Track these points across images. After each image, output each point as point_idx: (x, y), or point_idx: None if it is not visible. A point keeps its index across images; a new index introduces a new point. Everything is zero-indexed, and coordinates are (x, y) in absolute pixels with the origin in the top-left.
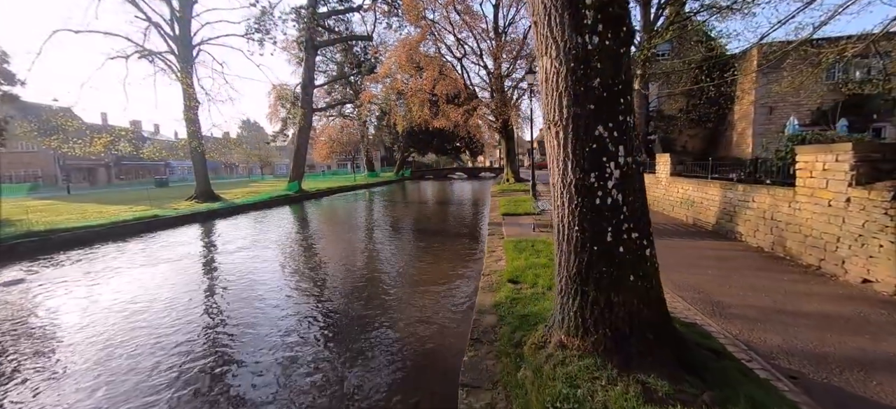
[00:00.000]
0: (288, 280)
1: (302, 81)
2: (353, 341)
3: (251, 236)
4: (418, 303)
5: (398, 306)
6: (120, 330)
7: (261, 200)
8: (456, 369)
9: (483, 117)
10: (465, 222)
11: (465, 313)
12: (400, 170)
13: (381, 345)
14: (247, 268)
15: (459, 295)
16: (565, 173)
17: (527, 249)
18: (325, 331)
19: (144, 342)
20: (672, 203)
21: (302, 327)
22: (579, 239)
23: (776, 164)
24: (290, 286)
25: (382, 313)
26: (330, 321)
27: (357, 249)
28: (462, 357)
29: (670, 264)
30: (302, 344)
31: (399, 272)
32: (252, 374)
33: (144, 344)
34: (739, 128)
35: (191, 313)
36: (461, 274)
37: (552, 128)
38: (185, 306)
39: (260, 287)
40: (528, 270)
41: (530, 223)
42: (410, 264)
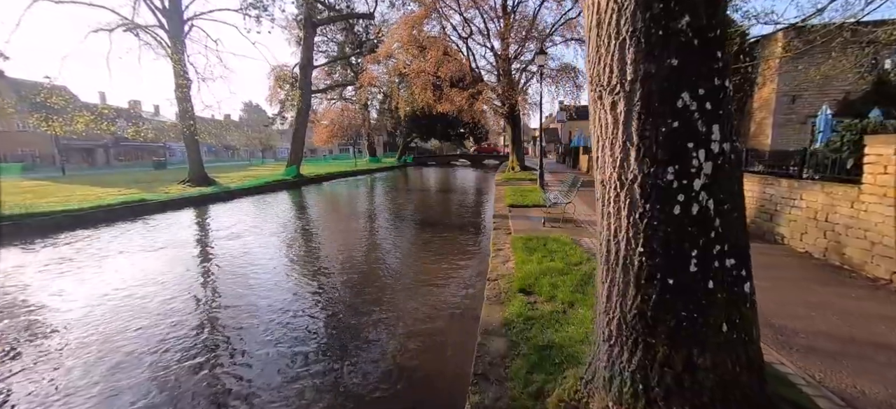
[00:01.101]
0: (268, 281)
1: (300, 61)
2: (333, 358)
3: (241, 224)
4: (414, 312)
5: (391, 317)
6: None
7: (256, 184)
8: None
9: (488, 102)
10: (468, 212)
11: (467, 324)
12: (402, 156)
13: (368, 364)
14: (228, 263)
15: (461, 302)
16: (625, 165)
17: (538, 248)
18: (298, 349)
19: (91, 358)
20: None
21: (276, 342)
22: (645, 265)
23: (829, 156)
24: (270, 289)
25: (372, 326)
26: (308, 335)
27: (351, 243)
28: (465, 393)
29: None
30: (272, 366)
31: (395, 272)
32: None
33: (91, 361)
34: (758, 118)
35: (158, 323)
36: (464, 276)
37: (605, 96)
38: (153, 310)
39: (241, 286)
40: (542, 277)
41: (540, 217)
42: (407, 261)
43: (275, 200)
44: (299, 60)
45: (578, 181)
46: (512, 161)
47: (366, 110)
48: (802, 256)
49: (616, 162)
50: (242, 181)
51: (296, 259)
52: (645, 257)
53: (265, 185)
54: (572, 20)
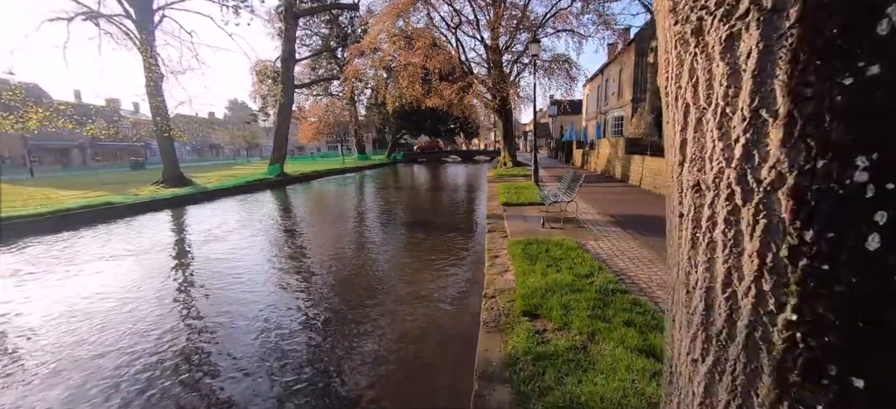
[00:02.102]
0: (229, 296)
1: (281, 54)
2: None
3: (212, 228)
4: (399, 341)
5: (370, 350)
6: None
7: (236, 184)
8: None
9: (479, 95)
10: (460, 212)
11: (461, 354)
12: (391, 153)
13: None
14: (190, 275)
15: (453, 324)
16: (756, 154)
17: (540, 255)
18: (248, 384)
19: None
20: None
21: (215, 376)
22: (802, 351)
23: None
24: (233, 307)
25: (347, 353)
26: (257, 376)
27: (331, 249)
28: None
29: None
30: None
31: (378, 284)
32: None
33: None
34: None
35: (93, 353)
36: (455, 287)
37: (711, 27)
38: (94, 341)
39: (204, 307)
40: (549, 294)
41: (537, 216)
42: (392, 270)
43: (254, 200)
44: (281, 54)
45: (581, 178)
46: (504, 157)
47: (353, 106)
48: None
49: (734, 149)
50: (221, 181)
51: (263, 270)
52: (803, 332)
53: (245, 184)
54: (564, 11)
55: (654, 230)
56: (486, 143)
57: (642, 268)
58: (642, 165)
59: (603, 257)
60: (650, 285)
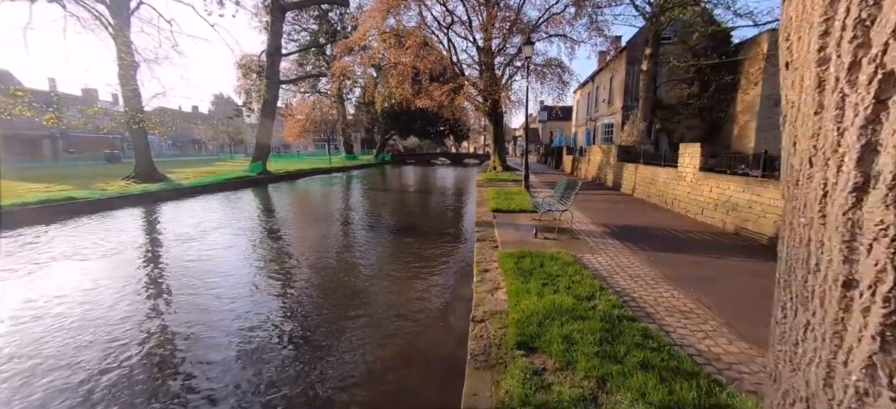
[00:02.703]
0: (184, 303)
1: (267, 47)
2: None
3: (182, 229)
4: (374, 378)
5: (347, 367)
6: None
7: (214, 181)
8: None
9: (470, 98)
10: (447, 217)
11: (446, 393)
12: (380, 153)
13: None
14: (154, 283)
15: (437, 350)
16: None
17: (534, 271)
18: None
19: None
20: (701, 205)
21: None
22: None
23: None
24: (193, 316)
25: (320, 378)
26: (227, 390)
27: (310, 254)
28: None
29: (742, 308)
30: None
31: (358, 295)
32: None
33: None
34: (741, 121)
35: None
36: (441, 302)
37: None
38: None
39: (165, 317)
40: (547, 321)
41: (529, 225)
42: (374, 279)
43: (232, 199)
44: (266, 47)
45: (576, 186)
46: (493, 161)
47: (342, 104)
48: None
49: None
50: (198, 178)
51: (231, 276)
52: None
53: (224, 182)
54: (557, 16)
55: (653, 243)
56: (476, 146)
57: (646, 289)
58: (635, 173)
59: (602, 274)
60: (658, 310)
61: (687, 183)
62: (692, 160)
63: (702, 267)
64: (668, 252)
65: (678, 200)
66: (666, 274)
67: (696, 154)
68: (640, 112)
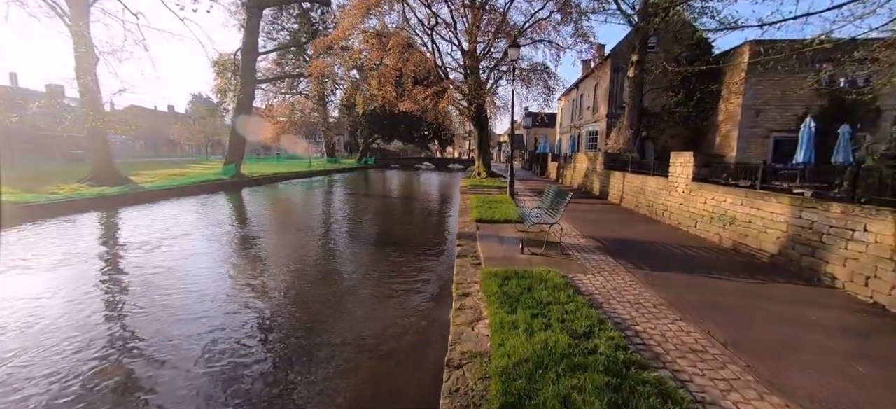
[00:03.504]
0: (104, 333)
1: (242, 46)
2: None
3: (131, 237)
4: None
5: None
6: None
7: (180, 185)
8: None
9: (454, 102)
10: (428, 228)
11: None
12: (362, 157)
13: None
14: (101, 299)
15: (401, 405)
16: None
17: (523, 296)
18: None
19: None
20: (694, 217)
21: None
22: None
23: (890, 174)
24: (104, 346)
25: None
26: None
27: (276, 267)
28: None
29: (759, 345)
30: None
31: (324, 317)
32: None
33: None
34: (723, 130)
35: None
36: (413, 335)
37: None
38: None
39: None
40: (541, 371)
41: (514, 237)
42: (343, 299)
43: (198, 204)
44: (241, 45)
45: (567, 196)
46: (478, 166)
47: (323, 107)
48: (873, 308)
49: None
50: (164, 181)
51: (215, 285)
52: None
53: (192, 185)
54: (543, 21)
55: (648, 261)
56: (461, 151)
57: (649, 319)
58: (623, 182)
59: (598, 300)
60: (667, 350)
61: (679, 194)
62: (684, 170)
63: (704, 290)
64: (665, 271)
65: (669, 212)
66: (667, 299)
67: (688, 163)
68: (626, 119)
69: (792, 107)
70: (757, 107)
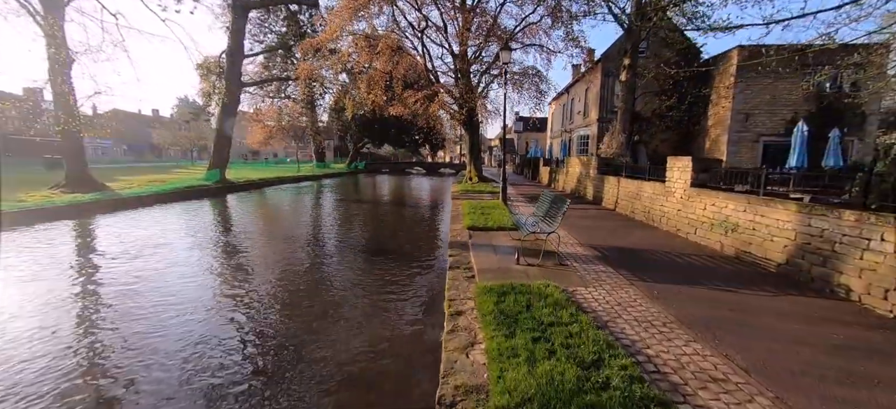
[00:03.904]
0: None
1: (227, 48)
2: None
3: (104, 245)
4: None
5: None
6: None
7: (160, 191)
8: None
9: (445, 106)
10: (418, 236)
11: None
12: (352, 162)
13: None
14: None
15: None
16: None
17: (521, 315)
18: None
19: None
20: (694, 224)
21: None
22: None
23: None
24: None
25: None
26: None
27: (253, 279)
28: None
29: (784, 371)
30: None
31: (296, 342)
32: None
33: None
34: (713, 134)
35: None
36: (402, 361)
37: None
38: None
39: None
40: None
41: (509, 246)
42: (321, 323)
43: (177, 211)
44: (226, 47)
45: (565, 204)
46: (469, 171)
47: (312, 111)
48: (893, 322)
49: None
50: (143, 187)
51: (185, 306)
52: None
53: (173, 192)
54: (533, 25)
55: (651, 271)
56: (452, 156)
57: (661, 341)
58: (617, 187)
59: (603, 319)
60: (686, 379)
61: (677, 199)
62: (682, 175)
63: (713, 304)
64: (669, 283)
65: (667, 218)
66: (678, 316)
67: (686, 168)
68: (619, 124)
69: (780, 111)
70: (746, 111)
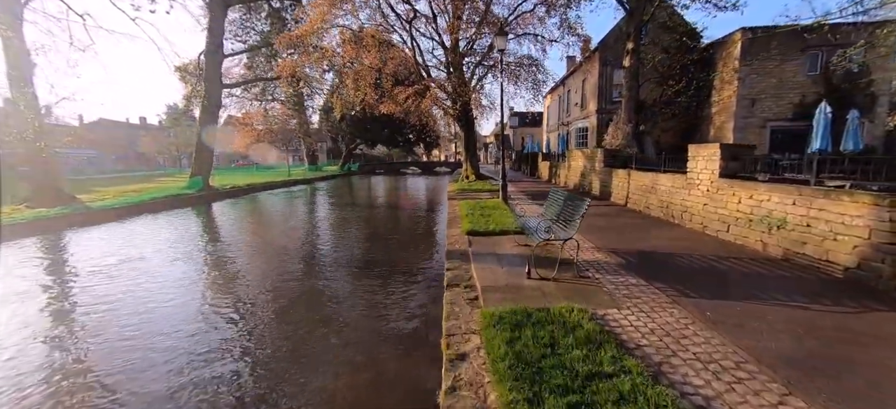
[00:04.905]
0: None
1: (206, 47)
2: None
3: (48, 280)
4: None
5: None
6: None
7: (134, 203)
8: None
9: (437, 101)
10: (412, 240)
11: None
12: (345, 164)
13: None
14: None
15: None
16: None
17: (546, 364)
18: None
19: None
20: (725, 220)
21: None
22: None
23: None
24: None
25: None
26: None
27: (223, 301)
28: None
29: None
30: None
31: (258, 392)
32: None
33: None
34: (718, 121)
35: None
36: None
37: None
38: None
39: None
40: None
41: (517, 255)
42: (289, 371)
43: (147, 224)
44: (205, 47)
45: (584, 204)
46: (466, 169)
47: (302, 112)
48: None
49: None
50: (121, 197)
51: (149, 337)
52: None
53: (150, 202)
54: (526, 14)
55: (691, 282)
56: (447, 154)
57: (745, 394)
58: (628, 180)
59: (654, 359)
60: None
61: (702, 192)
62: (708, 164)
63: (790, 329)
64: (720, 299)
65: (691, 214)
66: (752, 351)
67: (713, 156)
68: (623, 113)
69: (787, 95)
70: (752, 97)
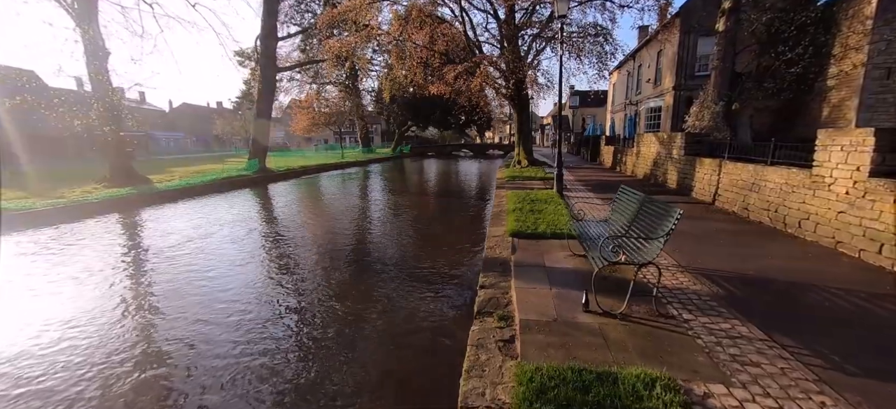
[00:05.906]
0: None
1: (261, 31)
2: None
3: (110, 256)
4: None
5: None
6: None
7: (199, 183)
8: None
9: (489, 79)
10: (450, 240)
11: None
12: (397, 146)
13: None
14: None
15: None
16: None
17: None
18: None
19: None
20: (878, 237)
21: None
22: None
23: None
24: None
25: None
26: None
27: (224, 313)
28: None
29: None
30: None
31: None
32: None
33: None
34: (834, 98)
35: None
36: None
37: None
38: None
39: None
40: None
41: (572, 268)
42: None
43: (206, 205)
44: (260, 31)
45: (674, 214)
46: (518, 153)
47: (356, 94)
48: None
49: None
50: (188, 177)
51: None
52: None
53: (212, 183)
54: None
55: (835, 336)
56: (501, 136)
57: None
58: (718, 172)
59: None
60: None
61: (838, 196)
62: (850, 157)
63: None
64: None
65: (816, 223)
66: None
67: (859, 146)
68: (712, 89)
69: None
70: (889, 66)
